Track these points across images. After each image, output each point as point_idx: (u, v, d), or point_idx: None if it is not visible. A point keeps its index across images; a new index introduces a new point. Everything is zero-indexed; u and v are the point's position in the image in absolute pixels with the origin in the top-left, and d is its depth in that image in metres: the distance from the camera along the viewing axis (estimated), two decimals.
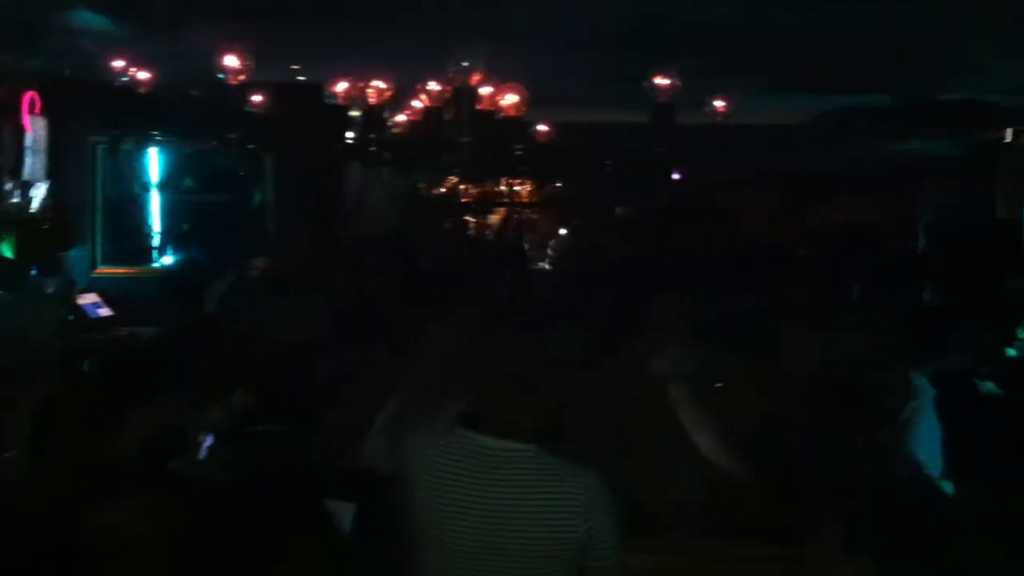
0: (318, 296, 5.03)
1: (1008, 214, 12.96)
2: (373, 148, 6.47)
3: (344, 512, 3.52)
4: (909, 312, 5.52)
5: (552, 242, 12.29)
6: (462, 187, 13.48)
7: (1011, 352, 6.33)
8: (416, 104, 5.84)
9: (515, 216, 13.30)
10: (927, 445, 4.05)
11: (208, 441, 4.42)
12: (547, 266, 10.63)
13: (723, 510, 3.83)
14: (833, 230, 11.33)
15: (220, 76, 6.14)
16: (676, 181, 12.74)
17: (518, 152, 4.84)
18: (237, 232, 9.00)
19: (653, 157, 4.72)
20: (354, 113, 5.53)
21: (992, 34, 6.48)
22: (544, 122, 6.99)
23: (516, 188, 14.98)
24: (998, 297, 7.48)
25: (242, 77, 5.80)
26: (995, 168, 13.60)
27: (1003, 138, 13.29)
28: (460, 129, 4.48)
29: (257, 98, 6.11)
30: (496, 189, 14.94)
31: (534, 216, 14.76)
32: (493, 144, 4.92)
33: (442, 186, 13.17)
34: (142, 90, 7.34)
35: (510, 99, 4.88)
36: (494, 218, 14.53)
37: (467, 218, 12.60)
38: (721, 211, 12.78)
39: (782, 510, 3.64)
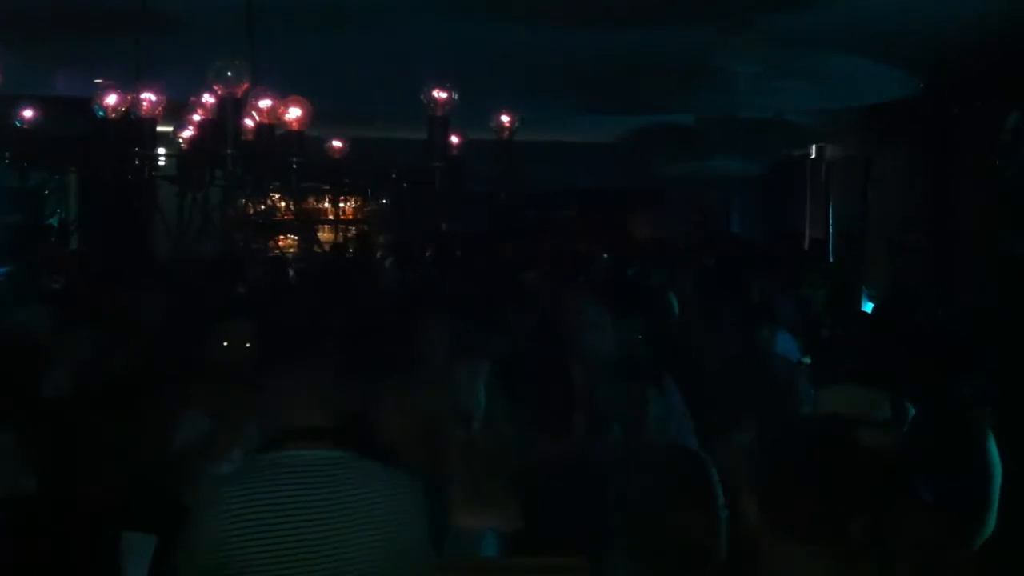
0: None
1: (814, 224, 13.57)
2: (161, 163, 6.29)
3: (144, 545, 3.38)
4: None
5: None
6: (283, 205, 13.32)
7: None
8: (196, 118, 5.74)
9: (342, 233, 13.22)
10: None
11: None
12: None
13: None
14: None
15: None
16: (496, 197, 12.89)
17: (294, 165, 4.70)
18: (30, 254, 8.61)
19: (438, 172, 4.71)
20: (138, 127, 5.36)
21: (782, 57, 6.78)
22: (338, 138, 6.96)
23: (341, 205, 14.92)
24: (807, 306, 7.85)
25: None
26: (802, 183, 14.23)
27: (808, 154, 13.90)
28: (228, 142, 4.35)
29: (27, 113, 5.85)
30: (319, 206, 14.82)
31: (360, 233, 14.71)
32: (263, 157, 4.80)
33: (263, 204, 12.94)
34: None
35: (293, 112, 4.75)
36: (324, 236, 14.40)
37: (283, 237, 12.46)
38: (539, 227, 13.00)
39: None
